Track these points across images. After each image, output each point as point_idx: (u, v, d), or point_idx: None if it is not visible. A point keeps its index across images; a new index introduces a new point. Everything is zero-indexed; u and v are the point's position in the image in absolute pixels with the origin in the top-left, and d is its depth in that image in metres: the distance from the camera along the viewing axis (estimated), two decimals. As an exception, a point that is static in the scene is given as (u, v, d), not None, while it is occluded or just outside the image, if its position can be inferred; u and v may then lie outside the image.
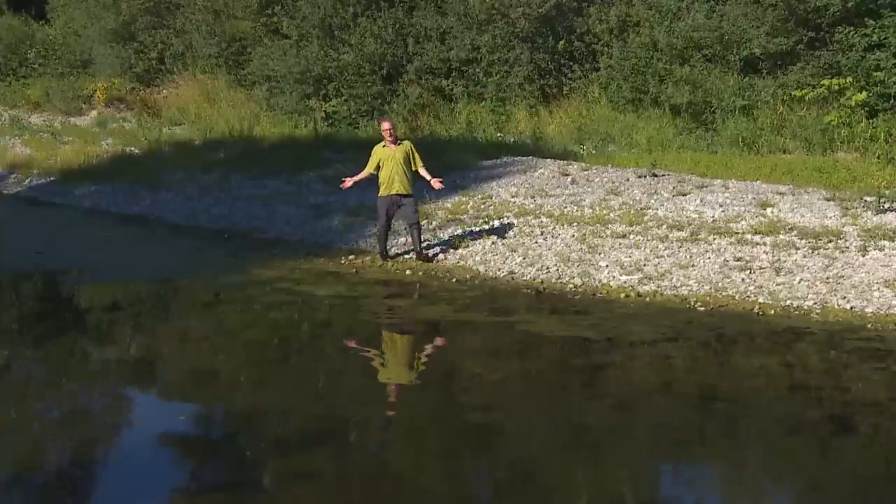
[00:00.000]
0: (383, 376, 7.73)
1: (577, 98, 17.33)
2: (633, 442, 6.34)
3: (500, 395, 7.38)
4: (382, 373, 7.81)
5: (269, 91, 20.25)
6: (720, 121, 15.26)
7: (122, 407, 7.21)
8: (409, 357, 8.23)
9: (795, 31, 15.71)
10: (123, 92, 22.70)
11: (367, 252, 11.55)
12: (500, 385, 7.57)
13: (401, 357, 8.24)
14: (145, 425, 6.68)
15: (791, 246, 10.22)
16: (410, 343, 8.62)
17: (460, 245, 11.23)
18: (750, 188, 12.31)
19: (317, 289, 10.08)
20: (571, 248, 10.88)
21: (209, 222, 13.48)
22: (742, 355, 8.00)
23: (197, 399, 7.26)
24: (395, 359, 8.22)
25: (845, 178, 12.36)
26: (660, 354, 7.98)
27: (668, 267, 10.04)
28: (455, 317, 9.11)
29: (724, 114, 15.29)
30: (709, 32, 16.03)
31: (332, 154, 16.13)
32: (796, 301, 9.03)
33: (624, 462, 6.08)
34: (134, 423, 6.84)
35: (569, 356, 8.07)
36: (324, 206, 13.56)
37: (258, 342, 8.63)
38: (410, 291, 9.98)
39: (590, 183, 13.26)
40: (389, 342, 8.71)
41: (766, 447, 6.28)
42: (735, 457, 6.17)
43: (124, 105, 22.51)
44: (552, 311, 9.19)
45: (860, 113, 14.34)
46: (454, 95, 18.27)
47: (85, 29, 24.31)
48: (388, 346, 8.59)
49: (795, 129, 14.79)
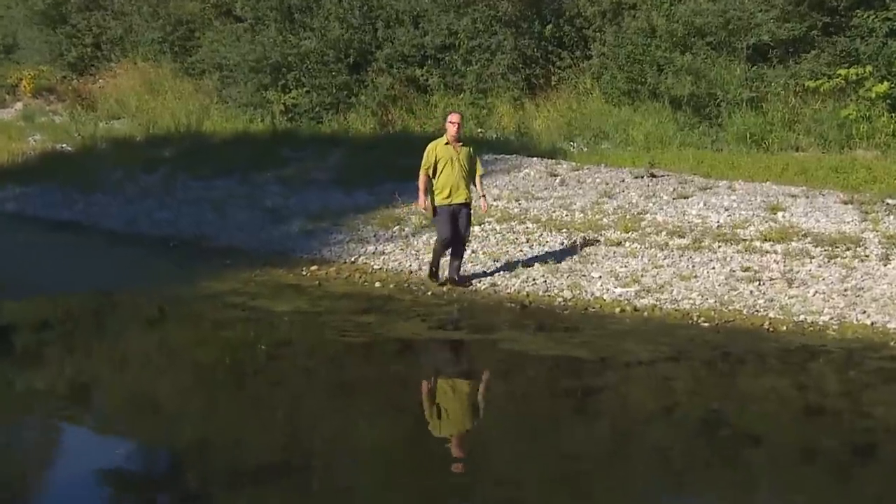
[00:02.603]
0: (349, 402, 7.70)
1: (567, 90, 17.42)
2: (630, 473, 6.35)
3: (481, 422, 7.41)
4: (348, 399, 7.78)
5: (220, 81, 20.19)
6: (726, 115, 15.41)
7: (51, 440, 7.10)
8: (379, 381, 8.21)
9: (809, 15, 15.91)
10: (53, 81, 22.55)
11: (331, 262, 11.53)
12: (480, 411, 7.57)
13: (369, 381, 8.21)
14: (77, 461, 6.58)
15: (805, 254, 10.32)
16: (380, 364, 8.59)
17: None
18: (759, 190, 12.43)
19: (274, 303, 10.06)
20: (561, 257, 10.92)
21: (152, 229, 13.45)
22: (750, 376, 8.06)
23: (137, 430, 7.18)
24: (362, 383, 8.19)
25: (865, 179, 12.56)
26: (659, 376, 8.03)
27: (667, 278, 10.10)
28: (430, 334, 9.12)
29: (730, 107, 15.44)
30: (713, 17, 16.20)
31: (291, 152, 16.11)
32: (811, 316, 9.12)
33: (620, 496, 6.08)
34: (64, 458, 6.74)
35: (558, 378, 8.10)
36: (282, 210, 13.55)
37: (208, 364, 8.59)
38: (381, 306, 9.97)
39: (581, 184, 13.31)
40: (356, 364, 8.67)
41: (777, 479, 6.29)
42: (743, 490, 6.17)
43: (54, 96, 22.35)
44: (539, 328, 9.21)
45: (881, 106, 14.52)
46: (429, 86, 18.31)
47: (9, 10, 24.15)
48: (355, 369, 8.56)
49: (809, 123, 14.96)
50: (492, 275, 10.64)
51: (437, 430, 7.13)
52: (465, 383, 8.27)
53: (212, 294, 10.38)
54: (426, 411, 7.58)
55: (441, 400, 7.84)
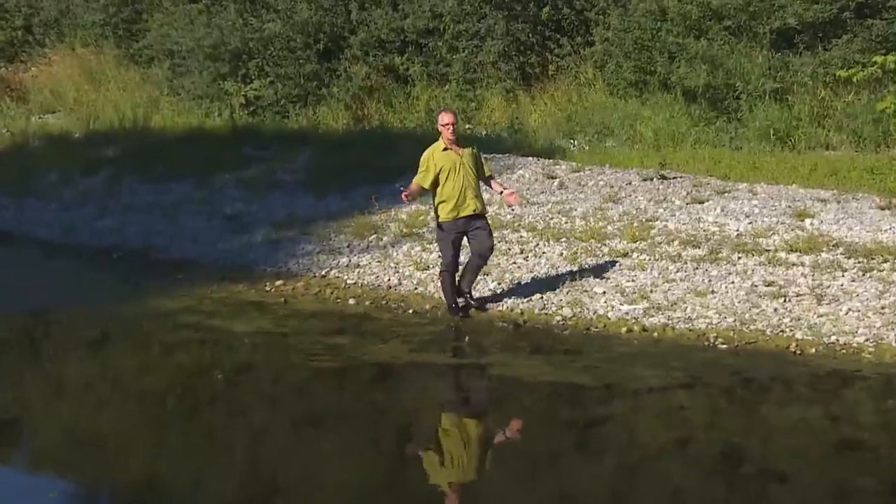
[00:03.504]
0: (319, 437, 7.67)
1: (567, 80, 17.45)
2: (640, 518, 6.36)
3: (470, 460, 7.36)
4: (318, 433, 7.75)
5: (171, 70, 20.13)
6: (746, 109, 15.46)
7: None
8: (353, 412, 8.18)
9: (840, -6, 16.00)
10: (-23, 70, 22.47)
11: (298, 276, 11.50)
12: (468, 446, 7.55)
13: (342, 412, 8.18)
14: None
15: (836, 267, 10.35)
16: (354, 393, 8.57)
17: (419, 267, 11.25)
18: (784, 194, 12.46)
19: (234, 324, 10.02)
20: (559, 270, 10.94)
21: (93, 239, 13.38)
22: (775, 406, 8.01)
23: (74, 470, 7.11)
24: (334, 414, 8.16)
25: (904, 181, 12.61)
26: (672, 405, 7.97)
27: (680, 294, 10.11)
28: (411, 358, 9.08)
29: (751, 100, 15.49)
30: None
31: (253, 151, 16.08)
32: (843, 337, 9.11)
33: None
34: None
35: (557, 408, 8.04)
36: (243, 217, 13.50)
37: (157, 394, 8.51)
38: (355, 326, 9.94)
39: (582, 188, 13.33)
40: (327, 392, 8.65)
41: (806, 523, 6.33)
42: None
43: (-21, 87, 22.27)
44: (535, 351, 9.16)
45: (923, 98, 14.60)
46: (410, 76, 18.31)
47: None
48: (326, 398, 8.54)
49: (841, 118, 15.02)
50: (481, 290, 10.64)
51: (420, 469, 7.07)
52: (452, 414, 8.23)
53: (162, 313, 10.32)
54: (407, 447, 7.54)
55: (424, 434, 7.80)
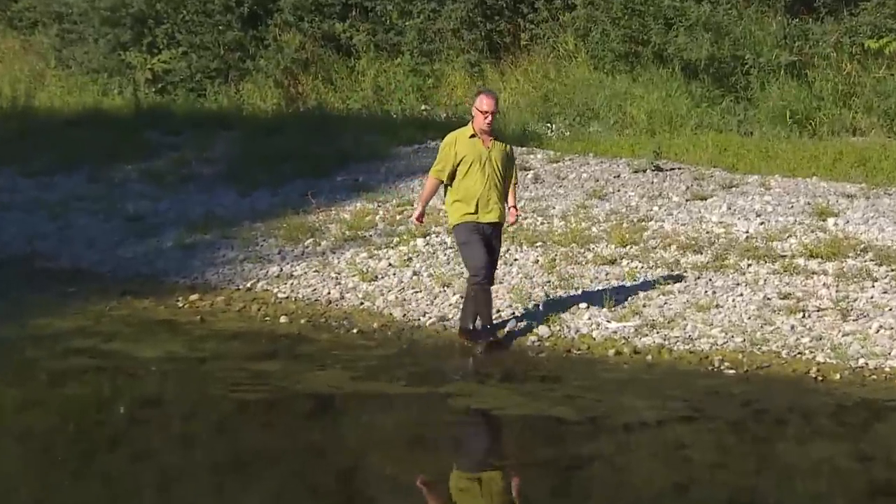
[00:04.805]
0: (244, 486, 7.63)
1: (543, 52, 17.55)
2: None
3: (427, 510, 7.38)
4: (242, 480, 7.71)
5: (59, 37, 20.01)
6: (757, 86, 15.63)
7: None
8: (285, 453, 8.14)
9: (868, -50, 16.22)
10: None
11: (218, 289, 11.48)
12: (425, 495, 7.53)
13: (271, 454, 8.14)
14: None
15: (865, 276, 10.47)
16: (286, 431, 8.52)
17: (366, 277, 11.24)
18: (802, 188, 12.62)
19: (138, 348, 10.01)
20: (534, 280, 10.95)
21: (-40, 244, 13.26)
22: (793, 443, 8.08)
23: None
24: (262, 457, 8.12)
25: (945, 173, 12.82)
26: (669, 442, 8.05)
27: (679, 309, 10.18)
28: (356, 387, 9.11)
29: (764, 75, 15.66)
30: (739, -47, 16.46)
31: (161, 136, 16.05)
32: (873, 360, 9.20)
33: None
34: None
35: (531, 446, 8.09)
36: (150, 217, 13.51)
37: (42, 433, 8.41)
38: (288, 349, 9.92)
39: (561, 181, 13.40)
40: (253, 430, 8.59)
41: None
42: None
43: None
44: (505, 378, 9.26)
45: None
46: (354, 47, 18.30)
47: None
48: (252, 437, 8.48)
49: (870, 97, 15.23)
50: (440, 305, 10.64)
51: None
52: (405, 455, 8.20)
53: (49, 334, 10.29)
54: (348, 494, 7.51)
55: (371, 481, 7.79)
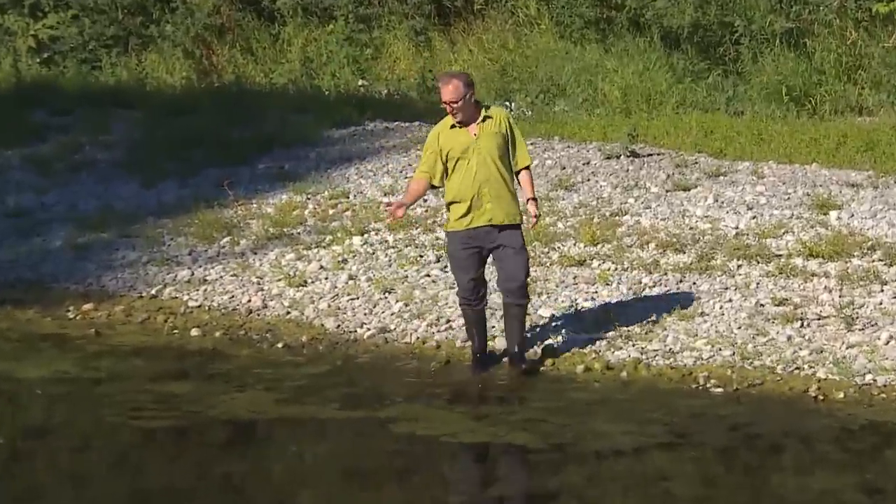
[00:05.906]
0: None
1: (500, 18, 17.59)
2: None
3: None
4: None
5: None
6: (749, 58, 15.76)
7: None
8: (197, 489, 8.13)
9: None
10: None
11: (116, 296, 11.45)
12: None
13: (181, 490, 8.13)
14: None
15: (872, 278, 10.54)
16: (198, 463, 8.50)
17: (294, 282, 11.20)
18: (800, 176, 12.72)
19: (20, 366, 10.08)
20: (491, 285, 10.95)
21: None
22: (791, 473, 8.11)
23: None
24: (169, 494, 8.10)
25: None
26: (648, 473, 8.09)
27: (658, 317, 10.23)
28: (282, 412, 9.13)
29: (756, 45, 15.78)
30: None
31: (48, 116, 16.02)
32: (882, 375, 9.23)
33: None
34: None
35: (488, 479, 8.15)
36: (35, 212, 13.51)
37: None
38: (200, 368, 9.89)
39: (523, 169, 13.43)
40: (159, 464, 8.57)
41: None
42: None
43: None
44: (455, 399, 9.31)
45: None
46: (278, 11, 18.29)
47: None
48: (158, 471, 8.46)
49: (879, 70, 15.40)
50: (381, 315, 10.64)
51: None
52: (339, 491, 8.20)
53: None
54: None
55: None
